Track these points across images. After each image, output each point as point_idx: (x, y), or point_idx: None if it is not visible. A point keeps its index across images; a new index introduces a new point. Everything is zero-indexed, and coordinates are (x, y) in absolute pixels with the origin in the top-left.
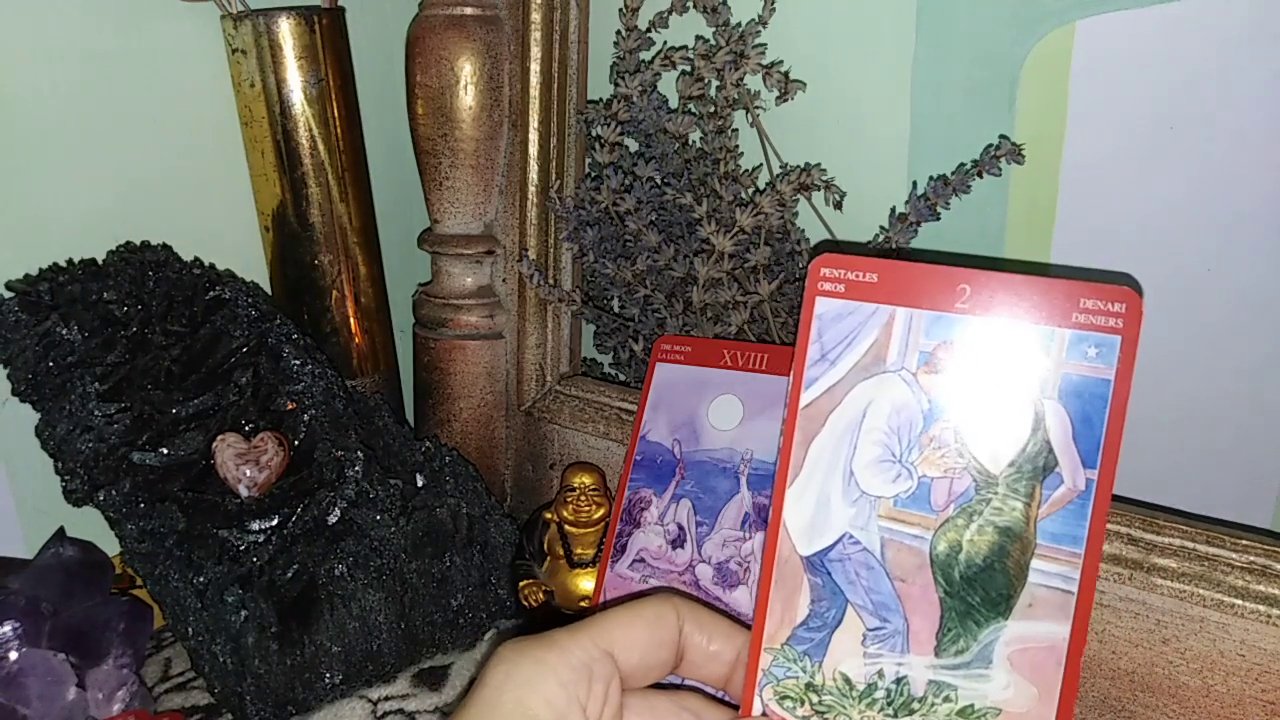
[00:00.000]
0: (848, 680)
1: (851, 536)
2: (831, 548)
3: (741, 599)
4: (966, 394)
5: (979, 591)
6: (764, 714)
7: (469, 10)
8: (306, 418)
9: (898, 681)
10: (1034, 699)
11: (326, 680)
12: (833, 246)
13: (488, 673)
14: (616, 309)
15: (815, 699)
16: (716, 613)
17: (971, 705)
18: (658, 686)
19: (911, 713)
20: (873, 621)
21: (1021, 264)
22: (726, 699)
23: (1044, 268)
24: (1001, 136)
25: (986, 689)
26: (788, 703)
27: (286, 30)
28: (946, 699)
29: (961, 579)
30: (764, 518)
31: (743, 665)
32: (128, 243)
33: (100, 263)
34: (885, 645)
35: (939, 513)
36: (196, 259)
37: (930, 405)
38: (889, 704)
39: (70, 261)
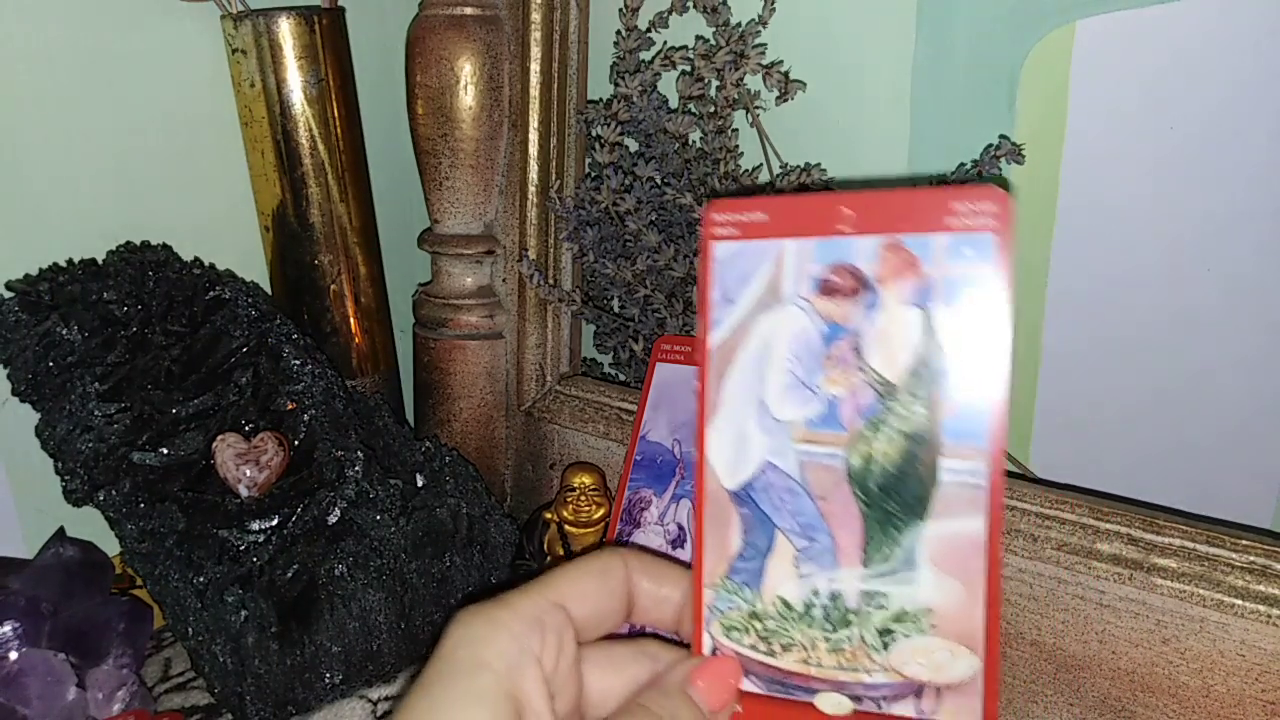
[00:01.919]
0: (786, 603)
1: (771, 464)
2: (755, 478)
3: None
4: (858, 311)
5: (895, 498)
6: (714, 650)
7: (469, 10)
8: (306, 418)
9: (832, 597)
10: (961, 594)
11: (326, 680)
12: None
13: (444, 636)
14: (616, 309)
15: (759, 626)
16: (662, 558)
17: (903, 609)
18: (616, 636)
19: (849, 624)
20: (801, 542)
21: (906, 180)
22: (682, 641)
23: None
24: (1001, 136)
25: (915, 591)
26: (734, 634)
27: (286, 30)
28: (880, 607)
29: (878, 489)
30: None
31: (690, 606)
32: (128, 243)
33: (100, 263)
34: (815, 564)
35: (849, 429)
36: (196, 259)
37: (827, 328)
38: (827, 619)
39: (70, 261)
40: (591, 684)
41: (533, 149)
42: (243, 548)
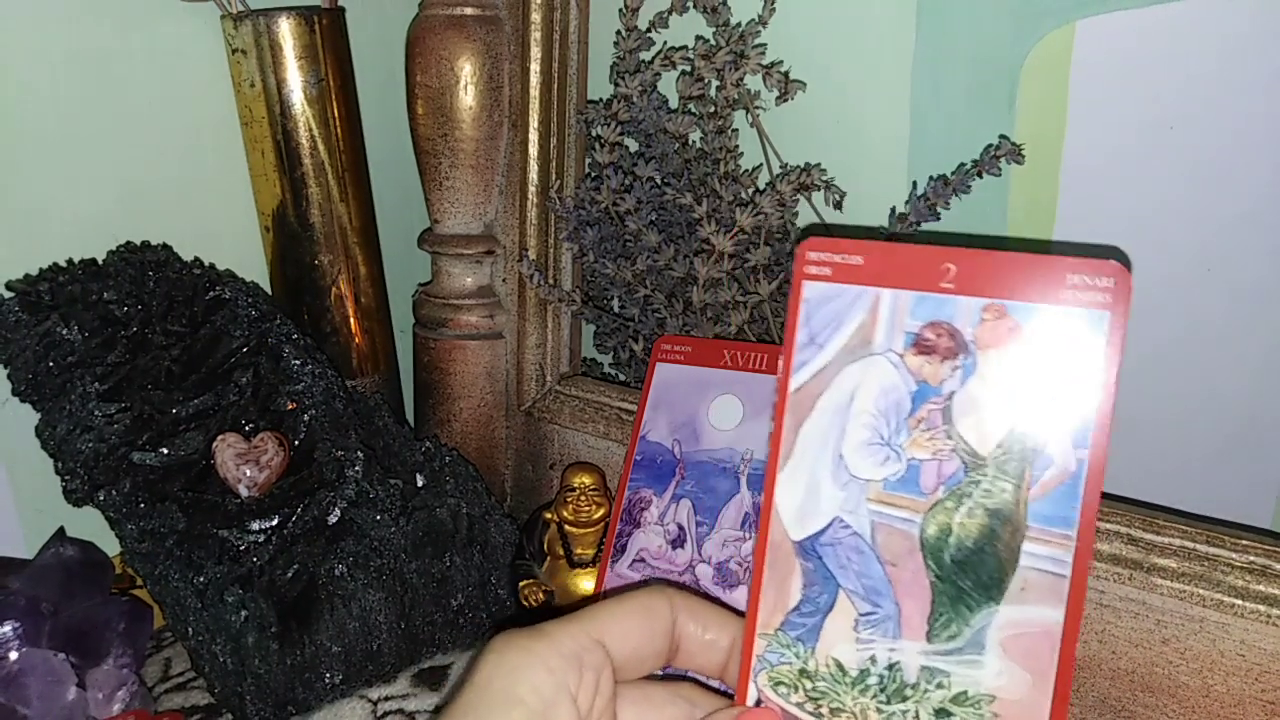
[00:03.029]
0: (840, 666)
1: (842, 520)
2: (822, 532)
3: (741, 599)
4: (953, 374)
5: (970, 575)
6: (759, 701)
7: (469, 10)
8: (306, 418)
9: (890, 668)
10: (1028, 685)
11: (326, 680)
12: (822, 231)
13: (479, 664)
14: (616, 309)
15: (809, 685)
16: (710, 602)
17: (965, 692)
18: (653, 677)
19: (905, 699)
20: (864, 606)
21: (1014, 242)
22: (723, 688)
23: (1039, 246)
24: (1001, 136)
25: (979, 675)
26: (782, 689)
27: (286, 30)
28: (939, 685)
29: (952, 562)
30: None
31: (737, 653)
32: (128, 243)
33: (100, 263)
34: (877, 630)
35: (928, 495)
36: (196, 259)
37: (918, 386)
38: (882, 690)
39: (70, 261)
40: None
41: (533, 149)
42: (243, 548)
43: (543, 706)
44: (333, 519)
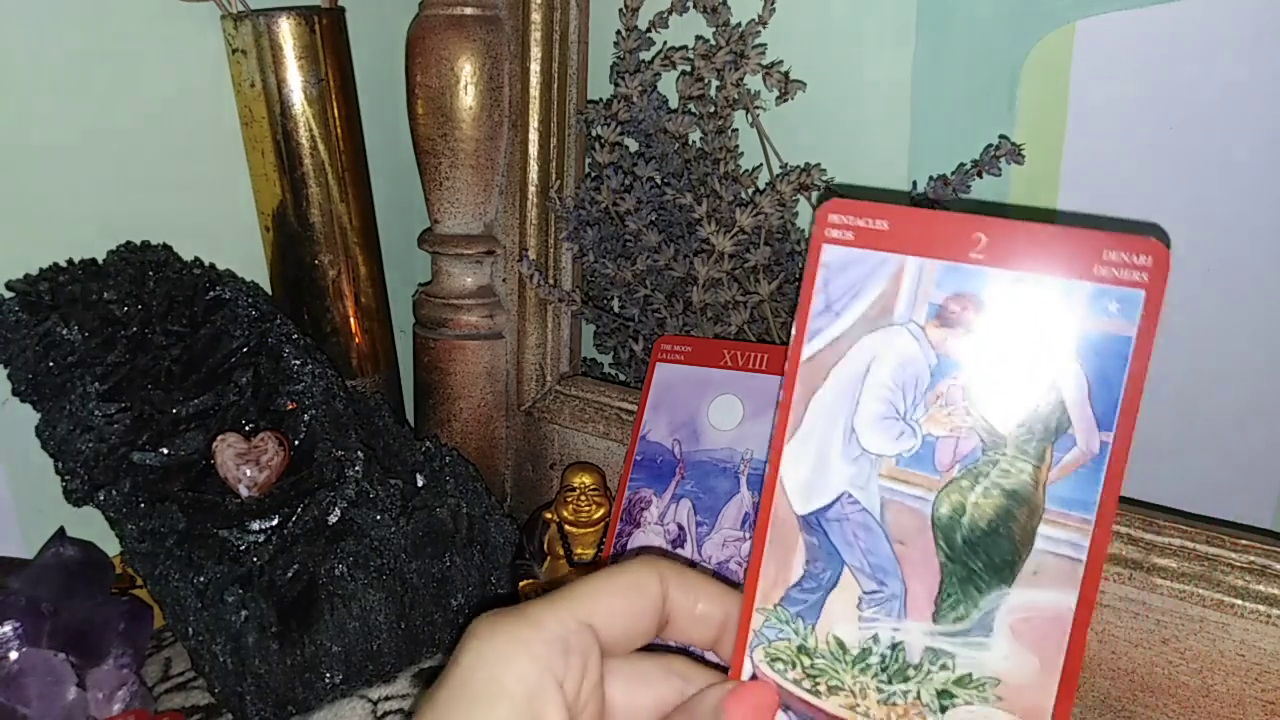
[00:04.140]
0: (841, 644)
1: (850, 496)
2: (829, 507)
3: None
4: (977, 349)
5: (982, 556)
6: (754, 676)
7: (469, 10)
8: (306, 418)
9: (893, 647)
10: (1035, 670)
11: (326, 680)
12: (842, 193)
13: (460, 651)
14: (616, 309)
15: (807, 662)
16: (702, 573)
17: (969, 674)
18: (644, 649)
19: (907, 679)
20: (869, 584)
21: (1039, 212)
22: (716, 660)
23: (1064, 217)
24: (1001, 136)
25: (985, 658)
26: (778, 665)
27: (286, 30)
28: (943, 667)
29: (964, 543)
30: None
31: (731, 627)
32: (128, 243)
33: (100, 263)
34: (881, 609)
35: (943, 473)
36: (196, 259)
37: (938, 360)
38: (883, 669)
39: (70, 261)
40: (615, 700)
41: (533, 149)
42: (243, 548)
43: (529, 696)
44: (333, 519)
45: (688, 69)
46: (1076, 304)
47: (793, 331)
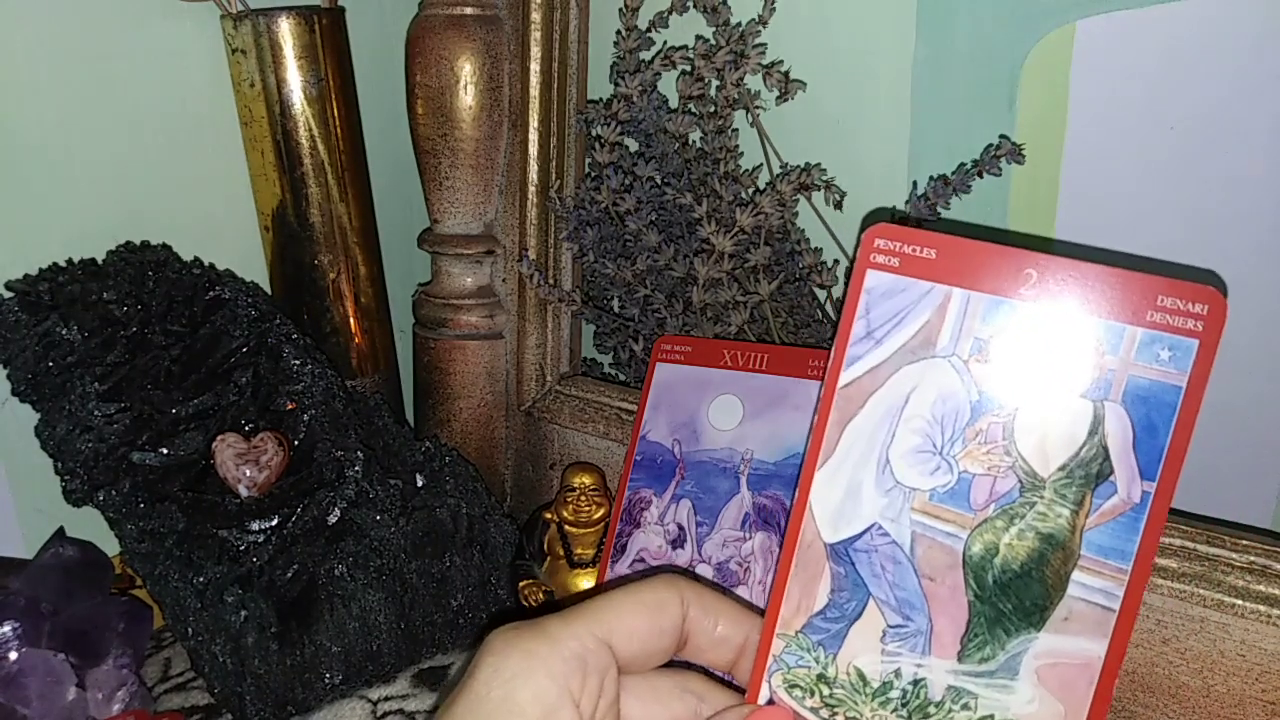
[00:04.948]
0: (862, 676)
1: (880, 528)
2: (858, 537)
3: (741, 597)
4: (1022, 388)
5: (1012, 599)
6: (771, 701)
7: (469, 10)
8: (306, 418)
9: (915, 683)
10: (1060, 717)
11: (326, 680)
12: (886, 218)
13: (476, 665)
14: (616, 309)
15: (826, 691)
16: (723, 595)
17: (991, 715)
18: (660, 666)
19: (926, 716)
20: (894, 618)
21: (1090, 250)
22: (733, 682)
23: (1118, 256)
24: (1001, 136)
25: (1009, 701)
26: (796, 692)
27: (286, 30)
28: (965, 706)
29: (995, 584)
30: (764, 518)
31: (750, 650)
32: (128, 243)
33: (100, 263)
34: (905, 644)
35: (977, 512)
36: (196, 259)
37: (980, 396)
38: (903, 705)
39: (70, 261)
40: (631, 718)
41: (533, 149)
42: (243, 548)
43: (544, 715)
44: (333, 519)
45: (688, 69)
46: (1127, 349)
47: (830, 356)
